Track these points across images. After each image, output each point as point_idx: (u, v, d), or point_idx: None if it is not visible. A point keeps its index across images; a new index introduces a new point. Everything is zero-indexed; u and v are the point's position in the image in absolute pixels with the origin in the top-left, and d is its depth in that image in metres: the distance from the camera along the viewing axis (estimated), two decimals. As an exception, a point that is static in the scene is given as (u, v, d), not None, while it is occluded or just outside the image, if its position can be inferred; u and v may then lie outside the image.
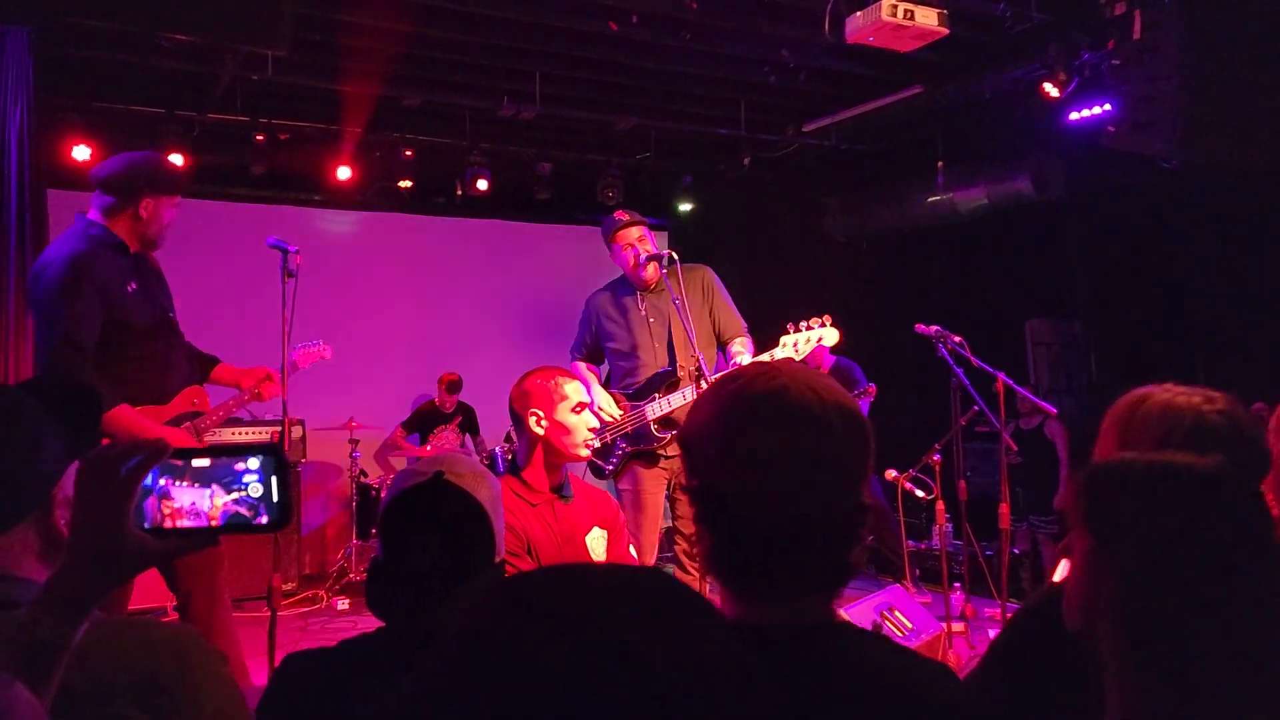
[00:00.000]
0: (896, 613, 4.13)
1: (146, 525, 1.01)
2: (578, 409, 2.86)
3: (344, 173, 6.97)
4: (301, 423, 6.37)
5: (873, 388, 6.08)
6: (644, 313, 4.35)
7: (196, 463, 1.03)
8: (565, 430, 2.80)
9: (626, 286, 4.45)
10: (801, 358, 4.10)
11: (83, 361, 3.21)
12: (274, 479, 1.04)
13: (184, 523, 1.03)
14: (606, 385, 4.46)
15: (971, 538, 5.48)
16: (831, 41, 4.29)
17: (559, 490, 2.84)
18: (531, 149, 7.55)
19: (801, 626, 1.15)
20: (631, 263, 4.31)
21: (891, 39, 4.01)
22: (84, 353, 3.22)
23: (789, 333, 4.15)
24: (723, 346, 4.37)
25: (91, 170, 3.50)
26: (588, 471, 4.25)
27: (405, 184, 7.26)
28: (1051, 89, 5.16)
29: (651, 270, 4.30)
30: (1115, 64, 4.40)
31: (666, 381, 4.25)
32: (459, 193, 7.50)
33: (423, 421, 7.70)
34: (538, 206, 8.09)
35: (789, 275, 8.48)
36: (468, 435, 7.74)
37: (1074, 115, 5.77)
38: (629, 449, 4.28)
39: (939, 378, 5.10)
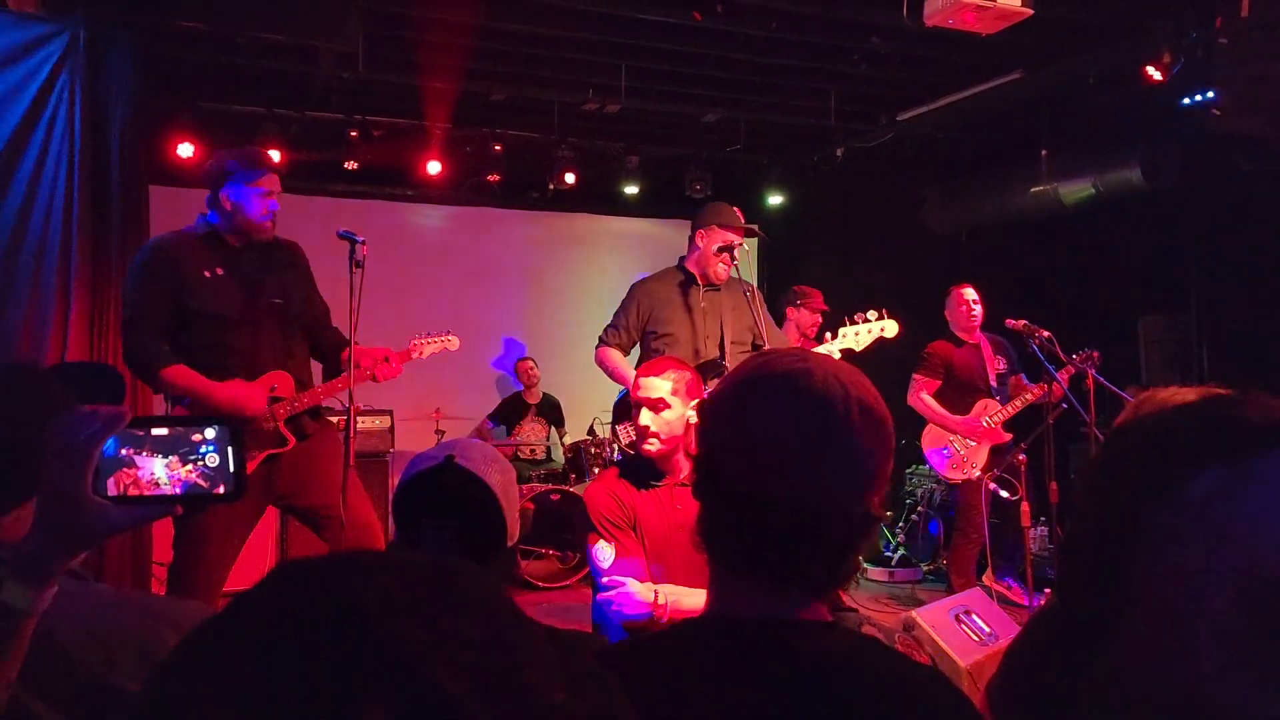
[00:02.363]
0: (973, 615, 4.00)
1: (110, 494, 1.04)
2: None
3: (434, 167, 7.09)
4: (390, 412, 6.51)
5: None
6: (703, 305, 4.28)
7: (156, 432, 1.05)
8: None
9: (688, 277, 4.35)
10: (861, 349, 4.02)
11: (146, 340, 3.27)
12: (230, 450, 1.05)
13: (145, 492, 1.05)
14: None
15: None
16: (911, 26, 4.14)
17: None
18: (619, 143, 7.56)
19: (781, 622, 1.11)
20: (719, 253, 4.24)
21: (972, 21, 3.85)
22: (147, 331, 3.27)
23: (846, 325, 4.11)
24: None
25: None
26: None
27: (494, 178, 7.35)
28: (1154, 72, 4.87)
29: (724, 266, 4.25)
30: (1222, 43, 4.13)
31: (715, 371, 4.10)
32: (550, 187, 7.57)
33: (508, 413, 7.78)
34: (626, 200, 8.09)
35: (885, 269, 8.26)
36: (552, 427, 7.80)
37: (1185, 100, 5.45)
38: None
39: (1039, 374, 4.94)
